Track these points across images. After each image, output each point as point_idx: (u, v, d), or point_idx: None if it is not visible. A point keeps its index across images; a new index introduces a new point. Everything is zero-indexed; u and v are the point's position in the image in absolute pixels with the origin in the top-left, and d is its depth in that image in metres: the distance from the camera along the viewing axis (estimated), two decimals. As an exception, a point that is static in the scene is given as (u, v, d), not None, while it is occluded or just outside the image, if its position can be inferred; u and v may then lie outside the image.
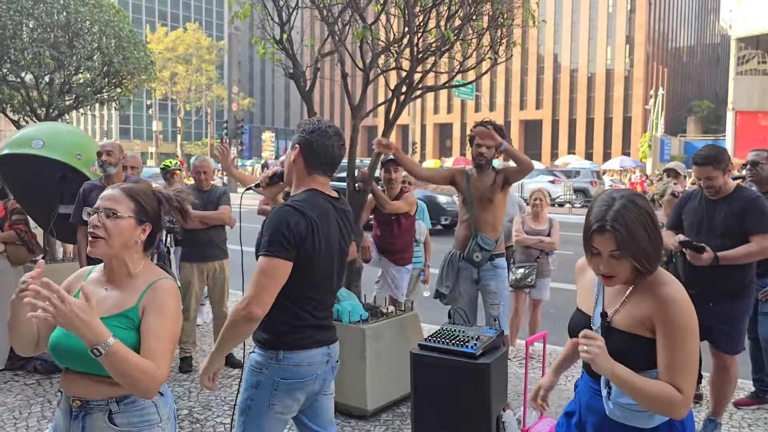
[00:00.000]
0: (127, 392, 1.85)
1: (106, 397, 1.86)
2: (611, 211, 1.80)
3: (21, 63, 6.90)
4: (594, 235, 1.82)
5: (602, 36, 63.61)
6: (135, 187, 1.99)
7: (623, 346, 1.84)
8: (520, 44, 5.08)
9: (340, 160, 2.49)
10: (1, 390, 4.66)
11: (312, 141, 2.36)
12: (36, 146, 5.01)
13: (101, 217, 1.89)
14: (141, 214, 1.95)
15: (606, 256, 1.81)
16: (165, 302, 1.90)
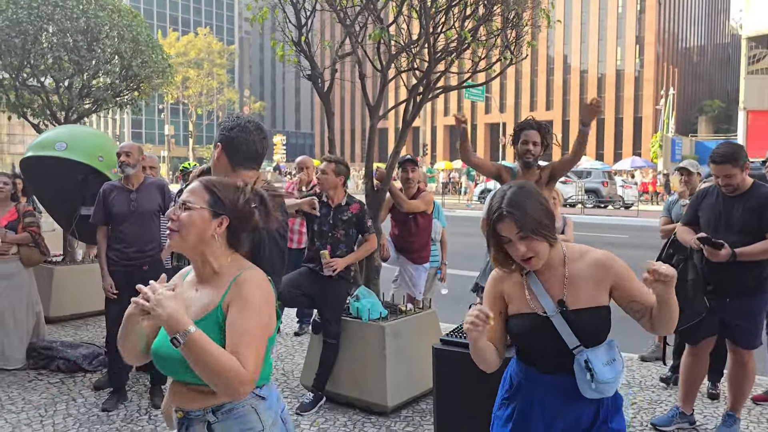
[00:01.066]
0: (223, 400, 1.77)
1: (202, 407, 1.79)
2: (504, 199, 1.94)
3: (41, 67, 7.00)
4: (496, 225, 1.94)
5: (612, 37, 63.37)
6: (215, 180, 1.88)
7: (587, 323, 1.96)
8: (535, 44, 5.11)
9: (264, 153, 2.50)
10: (26, 389, 4.74)
11: (233, 138, 2.40)
12: (59, 148, 5.10)
13: (176, 210, 1.81)
14: (216, 205, 1.82)
15: (516, 239, 1.92)
16: (249, 294, 1.76)
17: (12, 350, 5.12)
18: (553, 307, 1.97)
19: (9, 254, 5.09)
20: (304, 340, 5.96)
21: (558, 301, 1.97)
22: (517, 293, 2.06)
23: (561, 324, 1.96)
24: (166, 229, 1.84)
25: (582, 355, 1.95)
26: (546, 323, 1.97)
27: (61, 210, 5.92)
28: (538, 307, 2.00)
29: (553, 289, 2.00)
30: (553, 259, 2.01)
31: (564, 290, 1.99)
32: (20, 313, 5.19)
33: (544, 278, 2.03)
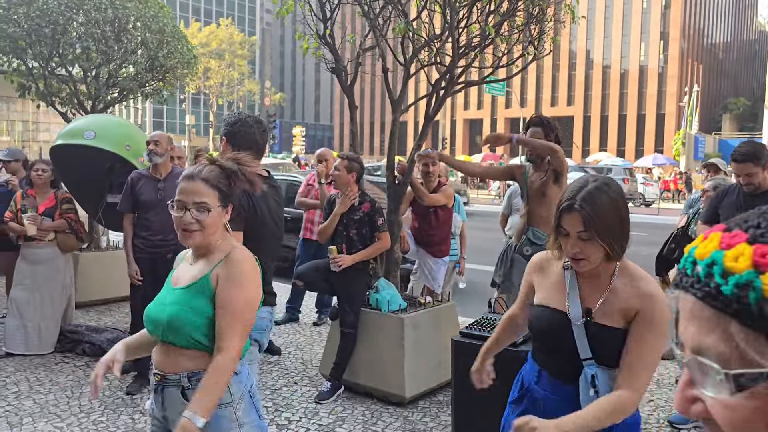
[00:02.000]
0: (199, 368, 1.93)
1: (179, 371, 1.94)
2: (582, 191, 1.81)
3: (70, 57, 7.13)
4: (563, 214, 1.82)
5: (636, 32, 62.59)
6: (210, 175, 2.00)
7: (607, 341, 1.82)
8: (559, 40, 5.10)
9: (264, 144, 2.90)
10: (53, 371, 4.86)
11: (235, 131, 2.80)
12: (88, 137, 5.21)
13: (194, 214, 1.93)
14: (223, 199, 2.00)
15: (574, 236, 1.80)
16: (236, 272, 1.93)
17: (48, 334, 5.26)
18: (580, 315, 1.86)
19: (46, 240, 5.22)
20: (323, 330, 6.04)
21: (585, 309, 1.86)
22: (553, 283, 1.96)
23: (580, 332, 1.85)
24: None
25: (591, 369, 1.83)
26: (565, 325, 1.87)
27: (88, 197, 6.04)
28: (562, 307, 1.90)
29: (587, 298, 1.88)
30: (604, 269, 1.87)
31: (598, 303, 1.86)
32: (56, 297, 5.33)
33: (584, 282, 1.91)
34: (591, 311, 1.85)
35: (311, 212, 6.23)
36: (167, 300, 1.99)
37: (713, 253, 0.62)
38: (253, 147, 2.79)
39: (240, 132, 2.81)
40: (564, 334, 1.86)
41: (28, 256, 5.26)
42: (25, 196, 5.24)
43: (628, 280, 1.86)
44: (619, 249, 1.82)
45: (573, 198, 1.80)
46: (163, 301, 2.01)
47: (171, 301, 1.96)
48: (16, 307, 5.17)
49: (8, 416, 4.01)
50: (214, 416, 1.89)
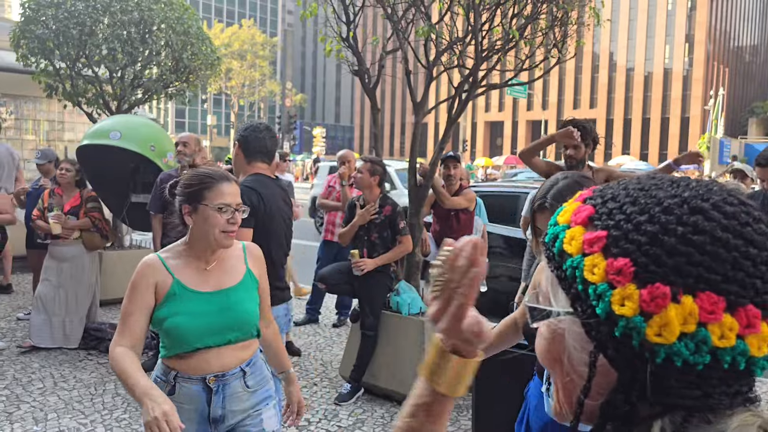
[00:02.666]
0: (251, 354, 2.13)
1: (239, 363, 2.07)
2: (553, 189, 1.82)
3: (96, 58, 7.23)
4: (536, 213, 1.85)
5: (660, 34, 61.88)
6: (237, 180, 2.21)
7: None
8: (584, 43, 5.07)
9: (273, 149, 3.14)
10: (77, 367, 4.93)
11: (247, 136, 3.03)
12: (114, 137, 5.28)
13: (239, 216, 2.08)
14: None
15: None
16: (262, 258, 2.24)
17: (73, 330, 5.34)
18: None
19: (71, 238, 5.29)
20: (343, 332, 6.05)
21: None
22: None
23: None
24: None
25: None
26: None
27: (113, 197, 6.12)
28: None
29: None
30: None
31: None
32: (81, 294, 5.41)
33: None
34: None
35: (332, 214, 6.24)
36: (221, 304, 2.04)
37: (558, 227, 0.69)
38: (263, 152, 3.06)
39: (250, 137, 3.04)
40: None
41: (55, 254, 5.35)
42: (53, 195, 5.33)
43: None
44: None
45: (544, 197, 1.82)
46: (207, 309, 2.01)
47: (233, 301, 2.06)
48: (41, 303, 5.26)
49: (34, 412, 4.07)
50: (266, 392, 2.18)
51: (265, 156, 3.08)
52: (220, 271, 2.09)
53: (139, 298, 2.00)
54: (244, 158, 3.05)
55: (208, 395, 2.03)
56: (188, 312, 1.99)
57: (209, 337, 2.00)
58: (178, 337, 1.98)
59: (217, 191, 2.02)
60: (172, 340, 2.00)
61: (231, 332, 2.02)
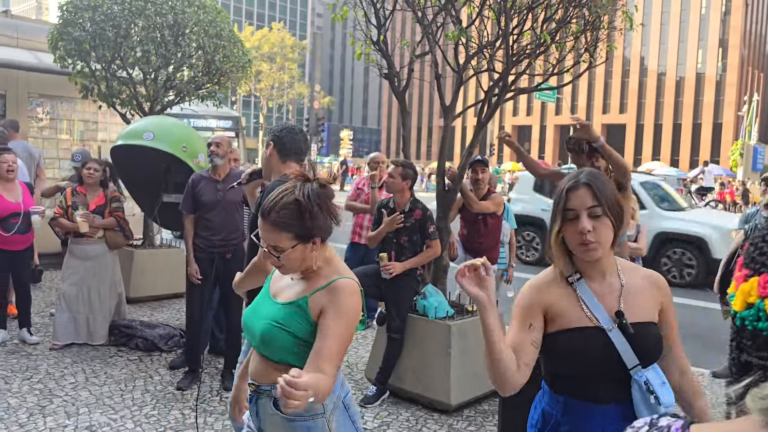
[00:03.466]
0: None
1: (272, 383, 1.84)
2: (583, 173, 1.76)
3: (130, 60, 7.36)
4: (569, 194, 1.72)
5: (693, 38, 60.84)
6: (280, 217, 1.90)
7: (646, 339, 1.72)
8: (616, 47, 5.01)
9: (306, 150, 3.23)
10: (108, 364, 5.03)
11: (282, 137, 3.12)
12: (147, 138, 5.37)
13: (274, 254, 1.94)
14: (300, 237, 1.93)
15: (585, 215, 1.69)
16: (346, 303, 1.86)
17: (96, 326, 5.44)
18: (610, 320, 1.72)
19: (95, 237, 5.39)
20: (369, 334, 6.06)
21: (615, 313, 1.73)
22: (567, 305, 1.77)
23: (619, 339, 1.70)
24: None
25: (640, 377, 1.69)
26: (603, 338, 1.71)
27: (144, 196, 6.23)
28: (594, 319, 1.73)
29: (606, 301, 1.76)
30: (607, 267, 1.80)
31: (621, 301, 1.75)
32: (104, 292, 5.50)
33: (595, 288, 1.78)
34: (621, 313, 1.72)
35: (360, 216, 6.27)
36: (263, 311, 1.96)
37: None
38: (297, 153, 3.15)
39: (286, 137, 3.13)
40: (605, 349, 1.70)
41: (77, 253, 5.43)
42: (75, 194, 5.41)
43: (634, 273, 1.84)
44: (620, 234, 1.77)
45: (577, 177, 1.75)
46: (259, 310, 1.99)
47: (267, 314, 1.93)
48: (65, 302, 5.37)
49: (66, 406, 4.16)
50: (305, 427, 1.87)
51: (299, 157, 3.16)
52: (295, 286, 1.96)
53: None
54: (279, 158, 3.12)
55: (249, 399, 2.00)
56: (253, 304, 2.05)
57: (250, 336, 1.99)
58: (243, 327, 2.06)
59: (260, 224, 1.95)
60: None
61: (254, 339, 1.94)
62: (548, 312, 1.77)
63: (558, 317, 1.76)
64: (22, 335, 5.44)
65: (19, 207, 5.27)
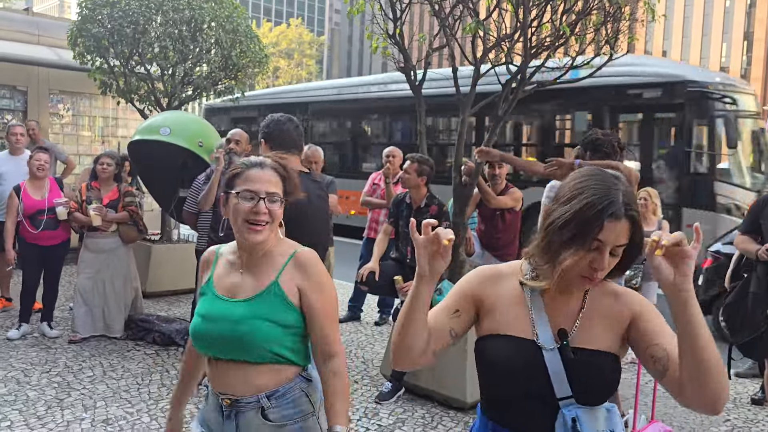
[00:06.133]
0: (278, 385, 1.76)
1: (256, 393, 1.74)
2: (623, 194, 1.37)
3: (148, 56, 7.40)
4: (607, 222, 1.34)
5: (717, 32, 59.88)
6: (277, 165, 1.86)
7: (589, 369, 1.42)
8: (637, 39, 4.91)
9: (300, 139, 3.08)
10: (125, 357, 5.06)
11: (271, 131, 2.99)
12: (164, 133, 5.39)
13: (267, 205, 1.76)
14: (285, 193, 1.84)
15: (608, 250, 1.36)
16: (320, 275, 1.80)
17: (112, 319, 5.49)
18: (552, 339, 1.44)
19: (109, 231, 5.44)
20: (385, 330, 6.04)
21: (559, 332, 1.45)
22: (508, 306, 1.50)
23: (554, 361, 1.42)
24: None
25: (570, 411, 1.41)
26: (535, 356, 1.43)
27: (161, 191, 6.26)
28: (533, 332, 1.46)
29: (558, 318, 1.47)
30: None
31: (575, 323, 1.46)
32: (118, 285, 5.54)
33: (551, 302, 1.49)
34: (566, 333, 1.44)
35: (376, 212, 6.23)
36: (228, 315, 1.76)
37: None
38: (289, 143, 3.00)
39: (275, 132, 3.00)
40: (534, 368, 1.43)
41: (92, 246, 5.49)
42: (90, 188, 5.47)
43: (605, 291, 1.50)
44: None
45: (616, 202, 1.35)
46: (217, 316, 1.77)
47: (239, 315, 1.74)
48: (80, 296, 5.42)
49: (83, 399, 4.19)
50: (298, 430, 1.77)
51: (294, 148, 3.00)
52: (249, 277, 1.81)
53: (197, 289, 1.93)
54: (272, 150, 2.97)
55: (221, 417, 1.79)
56: (202, 314, 1.80)
57: (210, 347, 1.78)
58: (192, 339, 1.84)
59: (245, 177, 1.78)
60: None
61: (235, 351, 1.74)
62: (482, 306, 1.53)
63: (490, 315, 1.51)
64: (42, 329, 5.50)
65: (44, 204, 5.34)
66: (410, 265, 4.42)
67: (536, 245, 1.44)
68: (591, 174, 1.43)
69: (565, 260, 1.36)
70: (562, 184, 1.46)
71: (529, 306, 1.48)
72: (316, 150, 5.59)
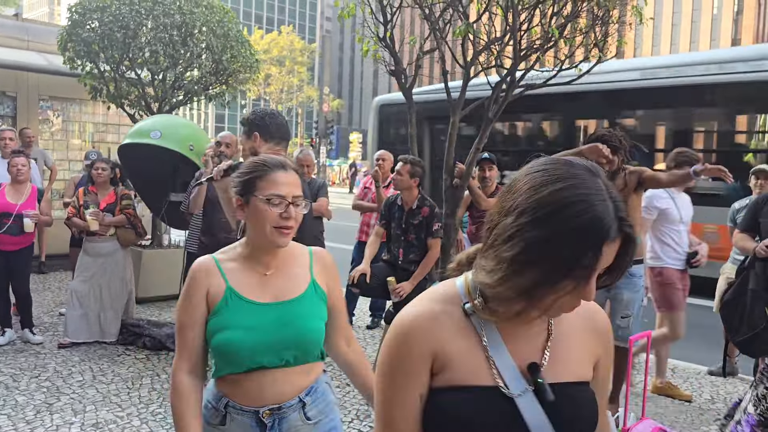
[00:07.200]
0: (311, 382, 1.78)
1: (298, 392, 1.74)
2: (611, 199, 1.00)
3: (139, 60, 7.39)
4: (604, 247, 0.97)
5: (705, 39, 60.44)
6: (296, 167, 1.87)
7: (584, 405, 1.13)
8: (625, 43, 4.96)
9: (289, 134, 3.08)
10: (115, 362, 5.02)
11: (268, 124, 2.95)
12: (154, 137, 5.38)
13: (297, 209, 1.76)
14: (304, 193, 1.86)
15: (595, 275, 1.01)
16: (334, 269, 1.91)
17: (108, 324, 5.46)
18: (521, 379, 1.08)
19: (107, 235, 5.44)
20: (376, 334, 6.03)
21: (529, 366, 1.09)
22: (465, 352, 1.08)
23: (531, 408, 1.06)
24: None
25: None
26: (506, 407, 1.06)
27: (152, 195, 6.24)
28: (496, 376, 1.08)
29: (522, 348, 1.11)
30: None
31: (545, 351, 1.12)
32: (115, 289, 5.53)
33: (509, 333, 1.11)
34: (538, 368, 1.09)
35: (368, 215, 6.24)
36: (278, 318, 1.71)
37: None
38: (286, 138, 2.99)
39: (271, 124, 2.96)
40: (508, 423, 1.06)
41: (90, 250, 5.49)
42: (87, 193, 5.47)
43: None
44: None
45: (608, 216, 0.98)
46: (264, 323, 1.70)
47: (293, 316, 1.72)
48: (76, 299, 5.39)
49: (73, 404, 4.15)
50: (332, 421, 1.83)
51: (283, 139, 3.02)
52: (280, 279, 1.78)
53: (191, 308, 1.72)
54: (265, 143, 2.94)
55: (269, 427, 1.73)
56: (240, 325, 1.69)
57: (263, 356, 1.69)
58: (229, 355, 1.69)
59: (269, 180, 1.73)
60: (222, 358, 1.71)
61: (289, 352, 1.70)
62: (437, 357, 1.09)
63: (448, 367, 1.08)
64: (25, 336, 5.45)
65: (14, 208, 5.27)
66: (402, 267, 4.44)
67: (493, 273, 1.02)
68: (567, 175, 1.00)
69: (544, 298, 1.00)
70: (520, 188, 1.02)
71: (483, 340, 1.09)
72: (308, 154, 5.61)
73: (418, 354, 1.08)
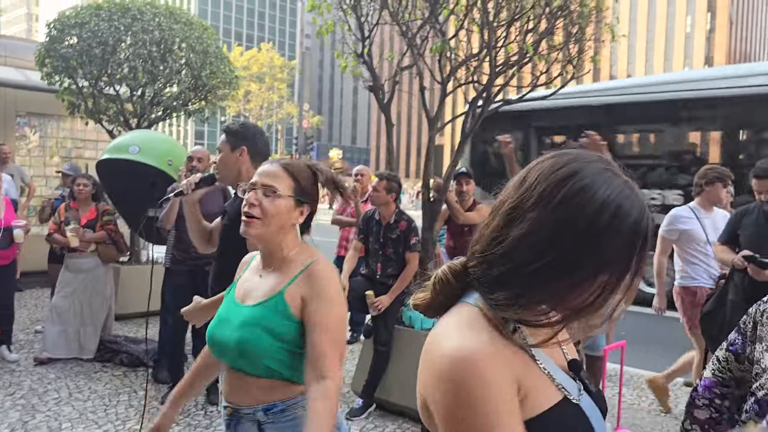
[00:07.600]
0: (275, 400, 1.67)
1: (254, 404, 1.68)
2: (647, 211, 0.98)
3: (118, 76, 7.38)
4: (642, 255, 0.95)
5: (679, 57, 61.75)
6: (294, 165, 1.78)
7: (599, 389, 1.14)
8: (599, 60, 5.08)
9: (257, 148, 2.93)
10: (92, 379, 4.97)
11: (256, 142, 2.88)
12: (132, 152, 5.37)
13: (258, 195, 1.71)
14: (299, 193, 1.75)
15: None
16: (327, 288, 1.67)
17: (87, 340, 5.41)
18: (572, 382, 1.06)
19: (87, 251, 5.40)
20: (355, 348, 6.02)
21: (569, 364, 1.10)
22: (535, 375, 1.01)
23: (590, 406, 1.06)
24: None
25: None
26: (580, 413, 1.03)
27: (130, 211, 6.20)
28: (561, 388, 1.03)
29: (553, 354, 1.08)
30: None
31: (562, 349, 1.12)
32: (95, 305, 5.49)
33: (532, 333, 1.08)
34: (578, 363, 1.10)
35: (346, 230, 6.27)
36: (234, 320, 1.70)
37: None
38: (266, 155, 2.92)
39: (260, 144, 2.90)
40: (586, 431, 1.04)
41: (71, 266, 5.46)
42: (69, 209, 5.44)
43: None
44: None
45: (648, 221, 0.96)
46: (227, 320, 1.73)
47: (240, 321, 1.68)
48: (56, 314, 5.34)
49: (48, 421, 4.10)
50: (296, 415, 1.68)
51: (265, 157, 2.91)
52: (264, 282, 1.74)
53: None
54: (251, 163, 2.83)
55: (226, 425, 1.75)
56: (218, 317, 1.77)
57: (224, 354, 1.72)
58: (208, 343, 1.78)
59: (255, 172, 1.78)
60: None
61: (238, 359, 1.67)
62: (521, 385, 0.98)
63: (531, 394, 0.99)
64: (2, 353, 5.37)
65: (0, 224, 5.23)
66: (380, 281, 4.46)
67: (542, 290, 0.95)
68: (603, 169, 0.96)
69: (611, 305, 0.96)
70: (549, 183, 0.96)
71: (537, 359, 1.03)
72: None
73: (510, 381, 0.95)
